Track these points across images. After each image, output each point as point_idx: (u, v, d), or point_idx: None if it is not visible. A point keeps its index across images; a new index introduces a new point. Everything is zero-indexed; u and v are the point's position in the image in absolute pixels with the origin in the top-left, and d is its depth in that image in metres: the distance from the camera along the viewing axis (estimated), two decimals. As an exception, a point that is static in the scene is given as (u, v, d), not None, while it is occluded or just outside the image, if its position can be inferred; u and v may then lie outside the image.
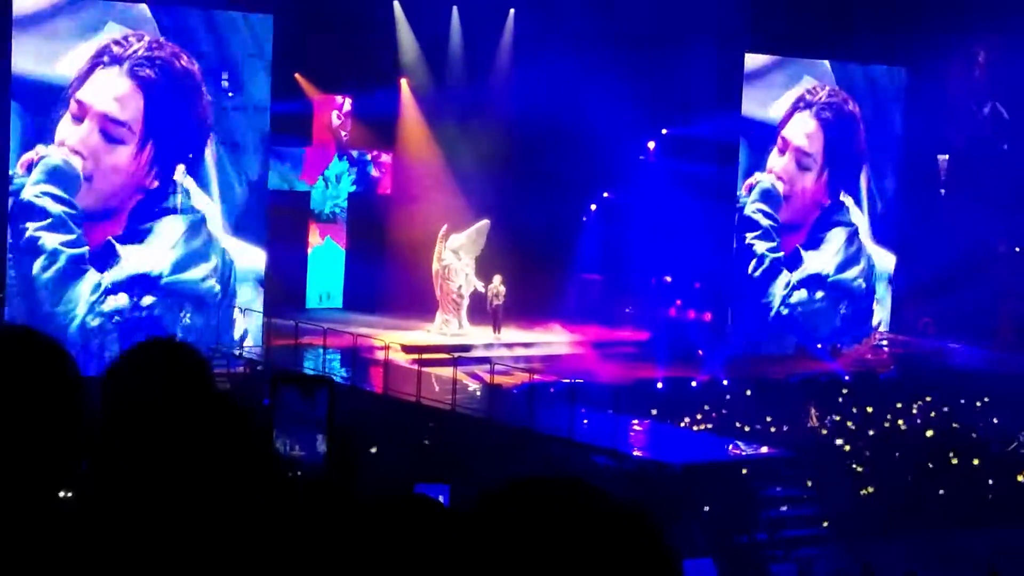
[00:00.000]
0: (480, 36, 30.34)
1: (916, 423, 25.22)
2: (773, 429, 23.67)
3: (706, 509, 19.63)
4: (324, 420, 3.18)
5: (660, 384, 25.49)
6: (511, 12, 30.53)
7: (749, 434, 23.14)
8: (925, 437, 24.32)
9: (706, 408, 24.29)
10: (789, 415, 24.38)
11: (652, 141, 31.49)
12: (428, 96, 30.73)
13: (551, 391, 23.49)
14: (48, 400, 2.19)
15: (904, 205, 31.79)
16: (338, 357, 25.61)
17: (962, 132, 32.72)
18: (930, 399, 26.13)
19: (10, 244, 23.77)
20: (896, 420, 25.14)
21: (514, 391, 23.96)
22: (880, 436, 24.22)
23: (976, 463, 23.20)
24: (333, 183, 31.18)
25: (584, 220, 31.80)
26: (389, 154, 31.66)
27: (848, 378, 27.79)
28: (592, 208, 32.01)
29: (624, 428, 21.78)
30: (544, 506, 1.72)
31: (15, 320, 22.06)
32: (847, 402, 25.68)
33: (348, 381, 23.50)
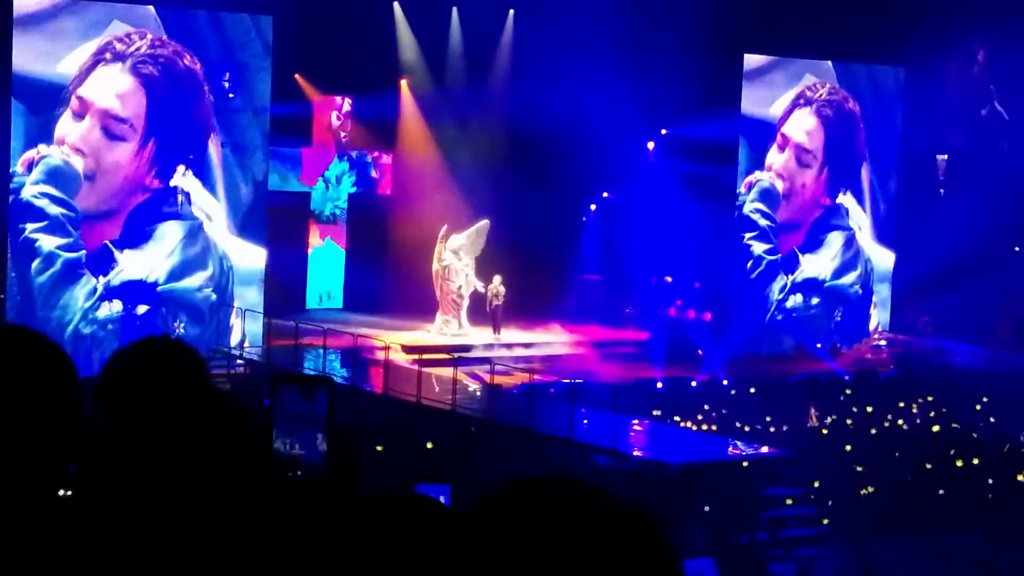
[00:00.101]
0: (480, 37, 30.32)
1: (916, 423, 25.24)
2: (773, 429, 23.67)
3: (706, 509, 19.62)
4: (324, 420, 3.18)
5: (660, 384, 25.49)
6: (511, 13, 30.51)
7: (749, 434, 23.15)
8: (925, 437, 24.33)
9: (706, 408, 24.30)
10: (789, 415, 24.38)
11: (652, 141, 31.49)
12: (428, 97, 30.70)
13: (551, 391, 23.49)
14: (47, 400, 2.19)
15: (903, 204, 31.83)
16: (338, 357, 25.61)
17: (961, 132, 32.73)
18: (930, 399, 26.15)
19: (9, 244, 23.72)
20: (896, 420, 25.15)
21: (514, 391, 23.94)
22: (880, 436, 24.23)
23: (976, 463, 23.20)
24: (333, 184, 31.16)
25: (584, 220, 31.80)
26: (389, 155, 31.63)
27: (848, 378, 27.79)
28: (592, 208, 32.02)
29: (624, 428, 21.79)
30: (545, 506, 1.72)
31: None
32: (847, 402, 25.69)
33: (348, 381, 23.50)
